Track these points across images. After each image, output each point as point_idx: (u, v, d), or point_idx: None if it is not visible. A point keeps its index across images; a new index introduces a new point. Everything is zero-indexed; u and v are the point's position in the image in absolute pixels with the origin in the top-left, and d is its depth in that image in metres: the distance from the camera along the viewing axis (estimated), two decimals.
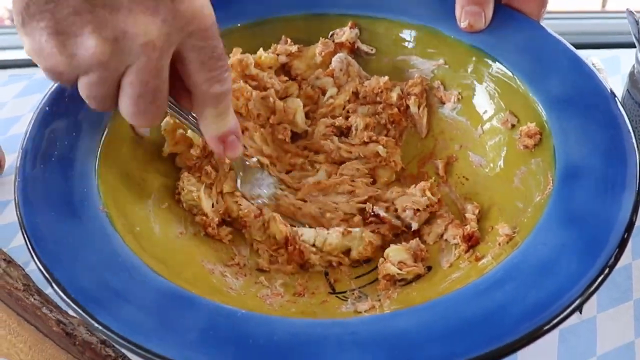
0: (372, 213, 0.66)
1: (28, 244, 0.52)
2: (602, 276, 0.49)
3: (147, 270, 0.52)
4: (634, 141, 0.57)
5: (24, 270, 0.64)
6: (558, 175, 0.57)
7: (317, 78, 0.75)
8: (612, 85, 0.80)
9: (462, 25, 0.70)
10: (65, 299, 0.49)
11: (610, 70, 0.91)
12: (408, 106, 0.73)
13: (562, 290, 0.48)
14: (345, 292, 0.61)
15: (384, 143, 0.72)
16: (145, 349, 0.45)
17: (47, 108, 0.63)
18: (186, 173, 0.66)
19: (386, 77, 0.73)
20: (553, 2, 0.75)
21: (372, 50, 0.76)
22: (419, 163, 0.73)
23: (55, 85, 0.65)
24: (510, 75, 0.66)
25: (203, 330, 0.47)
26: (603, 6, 1.58)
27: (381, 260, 0.61)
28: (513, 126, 0.65)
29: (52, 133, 0.61)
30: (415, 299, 0.55)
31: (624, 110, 0.60)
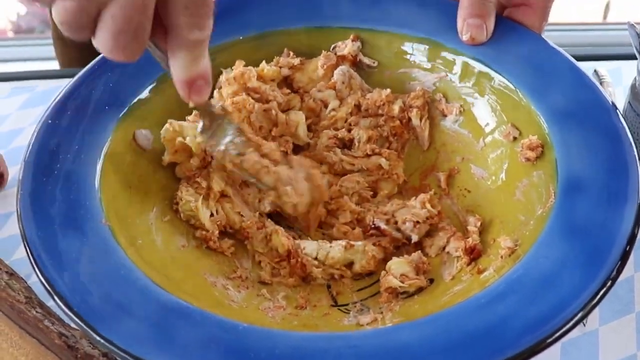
0: (373, 225, 0.66)
1: (30, 256, 0.53)
2: (605, 289, 0.49)
3: (149, 283, 0.52)
4: (635, 153, 0.57)
5: (26, 282, 0.64)
6: (560, 188, 0.57)
7: (319, 91, 0.75)
8: (614, 97, 0.80)
9: (464, 37, 0.70)
10: (67, 312, 0.49)
11: (612, 82, 0.91)
12: (410, 119, 0.73)
13: (564, 303, 0.48)
14: (348, 304, 0.61)
15: (387, 156, 0.72)
16: None
17: (49, 120, 0.63)
18: (185, 183, 0.66)
19: (388, 90, 0.73)
20: (555, 13, 0.75)
21: (374, 63, 0.76)
22: (421, 175, 0.73)
23: (58, 97, 0.65)
24: (512, 87, 0.66)
25: (204, 343, 0.47)
26: (604, 18, 1.58)
27: (383, 273, 0.61)
28: (515, 139, 0.65)
29: (54, 146, 0.61)
30: (417, 312, 0.55)
31: (626, 122, 0.60)
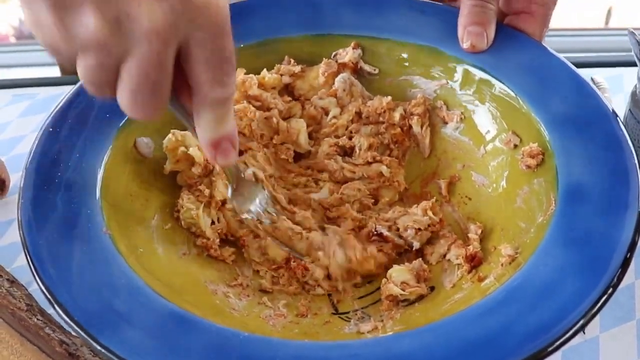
0: (375, 232, 0.66)
1: (31, 264, 0.53)
2: (606, 296, 0.49)
3: (150, 291, 0.52)
4: (635, 161, 0.57)
5: (27, 290, 0.65)
6: (560, 196, 0.57)
7: (320, 98, 0.75)
8: (615, 104, 0.80)
9: (465, 45, 0.71)
10: (67, 320, 0.49)
11: (613, 88, 0.91)
12: (411, 126, 0.73)
13: (565, 311, 0.48)
14: (348, 312, 0.61)
15: (388, 163, 0.72)
16: None
17: (50, 128, 0.63)
18: (186, 191, 0.66)
19: (389, 97, 0.73)
20: (556, 19, 0.75)
21: (375, 70, 0.76)
22: (422, 183, 0.73)
23: (59, 105, 0.65)
24: (513, 95, 0.66)
25: (205, 352, 0.47)
26: (606, 23, 1.58)
27: (384, 280, 0.61)
28: (515, 146, 0.65)
29: (55, 153, 0.61)
30: (418, 320, 0.55)
31: (627, 130, 0.60)
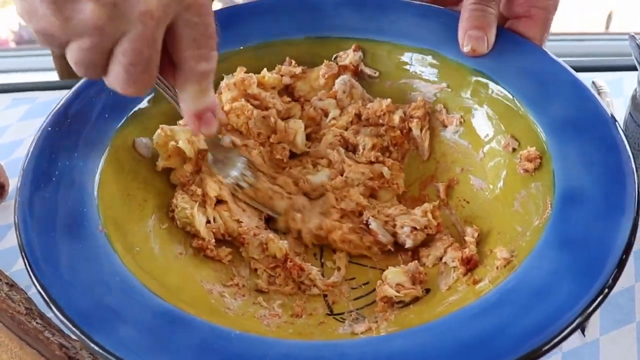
0: (365, 222, 0.67)
1: (26, 263, 0.53)
2: (601, 297, 0.49)
3: (144, 290, 0.52)
4: (633, 165, 0.57)
5: (26, 293, 0.64)
6: (557, 199, 0.57)
7: (320, 99, 0.75)
8: (615, 108, 0.80)
9: (465, 49, 0.71)
10: (61, 317, 0.49)
11: (613, 92, 0.91)
12: (410, 129, 0.73)
13: (560, 311, 0.48)
14: (343, 313, 0.61)
15: (390, 165, 0.72)
16: None
17: (49, 129, 0.63)
18: (180, 190, 0.66)
19: (389, 100, 0.73)
20: (557, 24, 0.75)
21: (375, 73, 0.76)
22: (421, 185, 0.73)
23: (58, 105, 0.65)
24: (511, 98, 0.66)
25: (197, 350, 0.47)
26: (607, 28, 1.58)
27: (379, 282, 0.61)
28: (514, 150, 0.65)
29: (53, 154, 0.61)
30: (412, 321, 0.55)
31: (626, 133, 0.60)
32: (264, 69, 0.74)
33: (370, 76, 0.76)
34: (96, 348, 0.47)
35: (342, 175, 0.71)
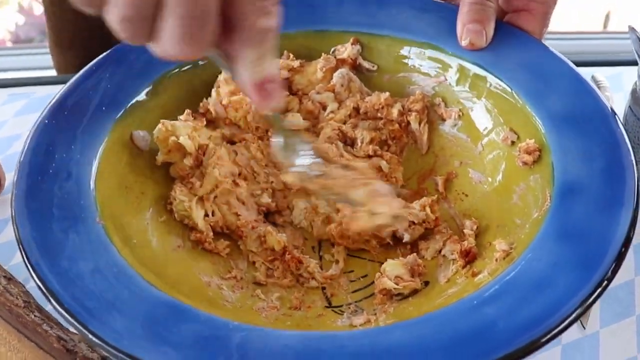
0: None
1: (24, 255, 0.53)
2: (600, 289, 0.49)
3: (142, 281, 0.52)
4: (632, 158, 0.57)
5: (24, 287, 0.64)
6: (556, 192, 0.57)
7: (318, 93, 0.75)
8: (615, 102, 0.80)
9: (464, 43, 0.70)
10: (59, 309, 0.49)
11: (613, 87, 0.91)
12: (409, 122, 0.73)
13: (559, 303, 0.48)
14: (342, 306, 0.61)
15: (388, 159, 0.72)
16: (136, 358, 0.45)
17: (46, 121, 0.63)
18: (179, 183, 0.66)
19: (387, 93, 0.73)
20: (555, 22, 0.75)
21: (373, 67, 0.76)
22: (419, 179, 0.72)
23: (55, 98, 0.65)
24: (510, 92, 0.66)
25: (194, 340, 0.47)
26: (605, 26, 1.58)
27: (378, 274, 0.61)
28: (513, 143, 0.65)
29: (50, 146, 0.61)
30: (411, 314, 0.55)
31: (626, 127, 0.60)
32: None
33: (369, 70, 0.76)
34: (94, 339, 0.47)
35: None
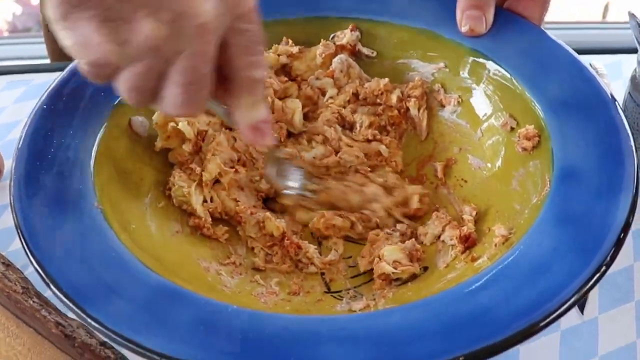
0: None
1: (22, 240, 0.53)
2: (599, 274, 0.48)
3: (141, 266, 0.52)
4: (632, 143, 0.57)
5: (22, 273, 0.64)
6: (555, 177, 0.57)
7: (317, 78, 0.74)
8: (614, 90, 0.80)
9: (463, 29, 0.70)
10: (58, 294, 0.49)
11: (612, 74, 0.91)
12: (408, 108, 0.73)
13: (558, 288, 0.48)
14: (341, 291, 0.61)
15: (387, 143, 0.72)
16: (135, 342, 0.45)
17: (44, 107, 0.63)
18: (178, 169, 0.66)
19: (386, 79, 0.73)
20: (554, 12, 0.75)
21: (372, 53, 0.76)
22: (418, 165, 0.72)
23: (53, 83, 0.65)
24: (509, 78, 0.66)
25: (193, 324, 0.47)
26: (604, 17, 1.57)
27: (376, 259, 0.61)
28: (512, 129, 0.65)
29: (48, 130, 0.61)
30: (410, 299, 0.55)
31: (626, 113, 0.60)
32: None
33: (368, 56, 0.76)
34: (93, 323, 0.47)
35: (337, 155, 0.70)
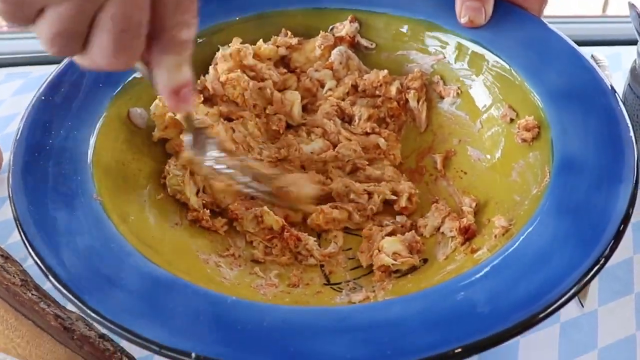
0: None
1: (21, 232, 0.52)
2: (598, 266, 0.48)
3: (140, 257, 0.52)
4: (631, 134, 0.57)
5: (21, 266, 0.64)
6: (555, 168, 0.56)
7: (316, 70, 0.74)
8: (614, 81, 0.80)
9: (462, 20, 0.70)
10: (57, 285, 0.49)
11: (611, 66, 0.91)
12: (407, 100, 0.73)
13: (557, 279, 0.48)
14: (340, 283, 0.61)
15: (386, 136, 0.72)
16: (134, 332, 0.45)
17: (43, 97, 0.63)
18: (174, 158, 0.66)
19: (385, 71, 0.73)
20: (553, 7, 0.74)
21: (372, 44, 0.76)
22: (418, 157, 0.72)
23: (51, 75, 0.65)
24: (509, 69, 0.66)
25: (192, 315, 0.47)
26: (604, 11, 1.57)
27: (376, 251, 0.61)
28: (512, 120, 0.65)
29: (47, 121, 0.61)
30: (410, 290, 0.54)
31: (625, 105, 0.60)
32: (260, 40, 0.74)
33: (367, 48, 0.76)
34: (92, 314, 0.47)
35: (335, 149, 0.70)
